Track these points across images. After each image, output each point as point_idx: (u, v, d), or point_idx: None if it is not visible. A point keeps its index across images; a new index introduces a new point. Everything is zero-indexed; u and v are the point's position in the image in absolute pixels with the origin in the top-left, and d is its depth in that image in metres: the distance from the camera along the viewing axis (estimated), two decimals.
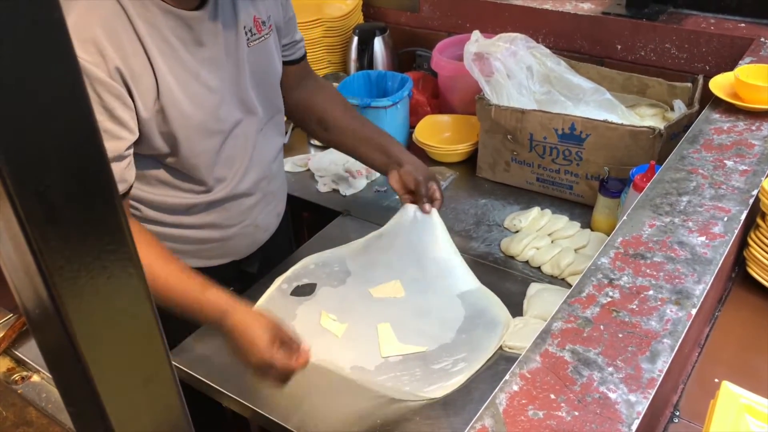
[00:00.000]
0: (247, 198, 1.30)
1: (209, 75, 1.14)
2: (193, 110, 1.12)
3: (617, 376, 0.78)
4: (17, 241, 0.34)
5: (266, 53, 1.25)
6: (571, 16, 1.86)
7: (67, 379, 0.40)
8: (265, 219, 1.37)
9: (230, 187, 1.25)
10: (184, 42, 1.09)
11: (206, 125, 1.15)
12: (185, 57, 1.10)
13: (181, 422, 0.44)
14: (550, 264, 1.40)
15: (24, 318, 1.32)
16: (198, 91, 1.12)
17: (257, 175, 1.30)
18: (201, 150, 1.17)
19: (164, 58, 1.06)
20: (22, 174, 0.32)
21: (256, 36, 1.21)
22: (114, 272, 0.37)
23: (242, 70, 1.19)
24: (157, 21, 1.05)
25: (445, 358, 1.20)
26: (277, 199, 1.41)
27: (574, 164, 1.56)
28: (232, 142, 1.22)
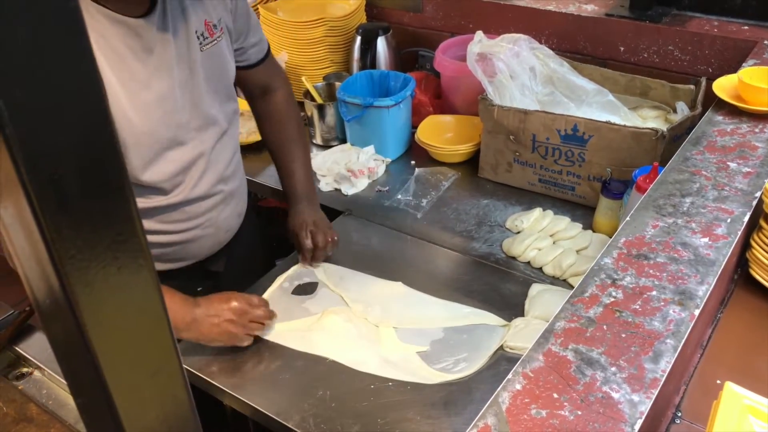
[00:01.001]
0: (205, 200, 1.28)
1: (160, 83, 1.12)
2: (141, 119, 1.10)
3: (620, 375, 0.78)
4: (29, 229, 0.34)
5: (219, 56, 1.23)
6: (574, 18, 1.87)
7: (76, 370, 0.40)
8: (225, 220, 1.36)
9: (186, 191, 1.23)
10: (133, 50, 1.07)
11: (157, 134, 1.14)
12: (134, 66, 1.08)
13: (188, 415, 0.44)
14: (551, 265, 1.40)
15: (25, 313, 1.32)
16: (147, 100, 1.10)
17: (214, 178, 1.28)
18: (153, 157, 1.15)
19: (112, 68, 1.05)
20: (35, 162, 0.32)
21: (209, 40, 1.19)
22: (125, 263, 0.37)
23: (196, 74, 1.18)
24: (105, 30, 1.04)
25: (446, 357, 1.20)
26: (237, 199, 1.39)
27: (577, 165, 1.57)
28: (189, 146, 1.20)
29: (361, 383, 1.17)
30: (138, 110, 1.10)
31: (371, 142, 1.78)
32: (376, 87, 1.88)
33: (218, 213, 1.33)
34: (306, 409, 1.12)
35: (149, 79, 1.10)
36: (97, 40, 1.03)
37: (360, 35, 2.01)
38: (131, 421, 0.41)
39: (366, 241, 1.55)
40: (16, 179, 0.31)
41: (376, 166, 1.74)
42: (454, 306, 1.32)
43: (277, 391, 1.16)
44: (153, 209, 1.22)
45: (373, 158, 1.76)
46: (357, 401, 1.14)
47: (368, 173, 1.72)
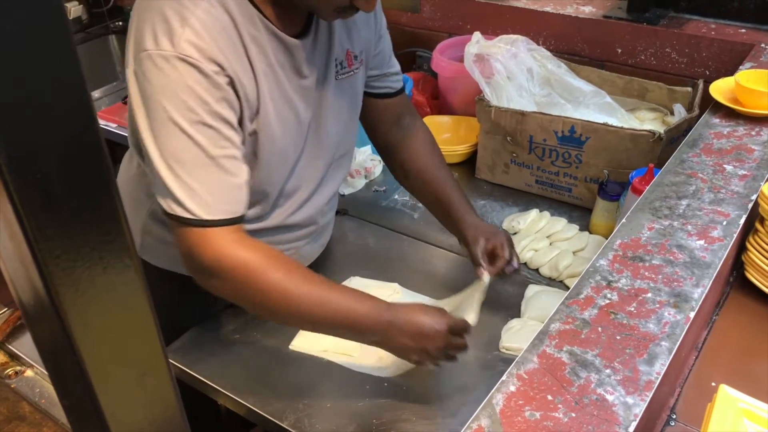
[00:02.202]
0: (299, 230, 1.24)
1: (300, 104, 1.10)
2: (282, 137, 1.08)
3: (615, 378, 0.77)
4: (13, 229, 0.33)
5: (352, 88, 1.21)
6: (572, 19, 1.86)
7: (62, 371, 0.40)
8: (309, 250, 1.31)
9: (284, 216, 1.19)
10: (284, 68, 1.06)
11: (287, 153, 1.11)
12: (284, 82, 1.06)
13: (176, 417, 0.44)
14: (548, 266, 1.40)
15: (18, 312, 1.32)
16: (289, 119, 1.09)
17: (313, 209, 1.24)
18: (275, 177, 1.13)
19: (267, 80, 1.03)
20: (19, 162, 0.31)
21: (346, 70, 1.17)
22: (110, 263, 0.37)
23: (326, 102, 1.15)
24: (264, 42, 1.02)
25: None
26: (326, 231, 1.35)
27: (574, 167, 1.56)
28: (302, 173, 1.17)
29: (357, 383, 1.16)
30: (280, 123, 1.07)
31: (368, 142, 1.77)
32: None
33: (305, 243, 1.28)
34: (301, 408, 1.12)
35: (293, 99, 1.08)
36: (257, 49, 1.00)
37: None
38: (118, 423, 0.40)
39: (362, 241, 1.54)
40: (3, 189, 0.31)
41: (372, 166, 1.73)
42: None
43: (272, 390, 1.16)
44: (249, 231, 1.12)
45: (369, 158, 1.75)
46: (352, 401, 1.13)
47: (365, 173, 1.72)
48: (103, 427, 0.40)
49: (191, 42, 0.92)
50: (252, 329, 1.28)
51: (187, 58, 0.91)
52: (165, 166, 0.94)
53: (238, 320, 1.30)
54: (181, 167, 0.94)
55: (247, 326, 1.29)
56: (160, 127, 0.93)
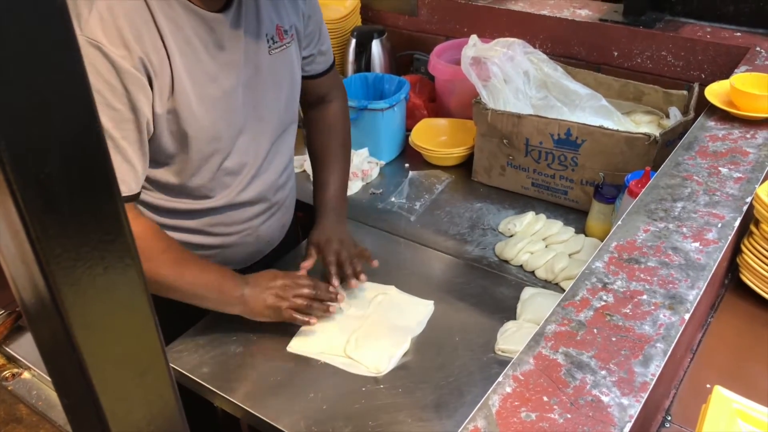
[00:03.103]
0: (250, 207, 1.28)
1: (226, 79, 1.12)
2: (205, 113, 1.10)
3: (610, 379, 0.78)
4: (15, 228, 0.33)
5: (286, 62, 1.23)
6: (568, 22, 1.87)
7: (62, 370, 0.40)
8: (267, 230, 1.35)
9: (233, 195, 1.23)
10: (205, 44, 1.07)
11: (217, 129, 1.13)
12: (204, 59, 1.08)
13: (175, 416, 0.44)
14: (544, 268, 1.41)
15: (15, 314, 1.32)
16: (213, 94, 1.10)
17: (263, 185, 1.27)
18: (209, 153, 1.15)
19: (183, 57, 1.05)
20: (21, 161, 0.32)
21: (278, 44, 1.19)
22: (111, 263, 0.37)
23: (261, 77, 1.18)
24: (180, 19, 1.03)
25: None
26: (283, 211, 1.38)
27: (570, 169, 1.57)
28: (243, 148, 1.19)
29: (353, 385, 1.17)
30: (203, 103, 1.09)
31: (365, 144, 1.78)
32: (371, 90, 1.88)
33: (261, 222, 1.32)
34: (297, 411, 1.12)
35: (217, 74, 1.10)
36: (171, 27, 1.02)
37: (355, 38, 2.01)
38: (117, 422, 0.41)
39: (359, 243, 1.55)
40: (1, 178, 0.31)
41: (369, 169, 1.74)
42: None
43: (268, 393, 1.16)
44: (195, 211, 1.22)
45: (367, 161, 1.76)
46: (348, 403, 1.13)
47: (362, 175, 1.72)
48: (103, 425, 0.40)
49: (97, 26, 0.94)
50: (248, 331, 1.28)
51: (93, 41, 0.94)
52: None
53: (234, 322, 1.30)
54: None
55: (244, 329, 1.29)
56: None
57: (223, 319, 1.31)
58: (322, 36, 1.35)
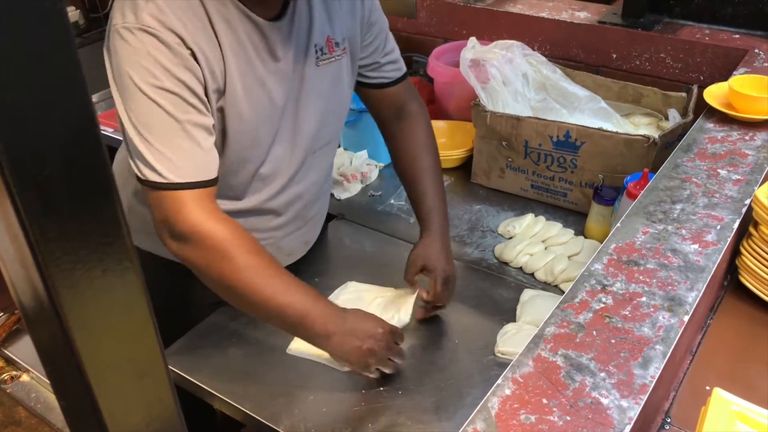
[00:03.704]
0: (276, 217, 1.25)
1: (275, 87, 1.11)
2: (251, 116, 1.09)
3: (609, 381, 0.78)
4: (14, 231, 0.34)
5: (334, 75, 1.20)
6: (567, 25, 1.87)
7: (61, 373, 0.40)
8: (289, 243, 1.31)
9: (261, 200, 1.21)
10: (257, 49, 1.07)
11: (259, 134, 1.12)
12: (256, 63, 1.07)
13: (174, 419, 0.44)
14: (543, 270, 1.41)
15: (14, 317, 1.32)
16: (261, 99, 1.10)
17: (293, 197, 1.25)
18: (246, 157, 1.14)
19: (236, 58, 1.04)
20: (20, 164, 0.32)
21: (327, 56, 1.17)
22: (110, 265, 0.37)
23: (305, 87, 1.15)
24: (234, 21, 1.03)
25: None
26: (309, 227, 1.35)
27: (569, 171, 1.57)
28: (278, 158, 1.18)
29: (353, 388, 1.17)
30: (251, 106, 1.08)
31: (364, 147, 1.78)
32: None
33: (285, 234, 1.28)
34: (297, 413, 1.12)
35: (266, 80, 1.09)
36: (225, 27, 1.02)
37: None
38: (116, 424, 0.41)
39: (358, 245, 1.55)
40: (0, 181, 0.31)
41: (368, 171, 1.74)
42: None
43: (267, 395, 1.16)
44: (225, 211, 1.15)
45: (366, 163, 1.76)
46: (348, 406, 1.13)
47: (361, 178, 1.72)
48: (102, 428, 0.40)
49: (153, 15, 0.95)
50: (248, 333, 1.28)
51: (148, 28, 0.95)
52: (135, 132, 0.97)
53: (234, 324, 1.30)
54: (149, 132, 0.97)
55: (244, 330, 1.29)
56: (128, 96, 0.97)
57: (223, 321, 1.31)
58: (389, 43, 1.32)
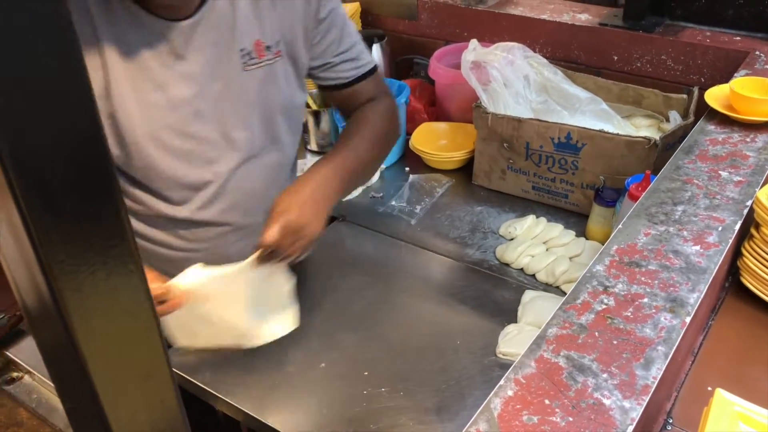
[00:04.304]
0: (214, 227, 1.20)
1: (181, 89, 1.07)
2: (146, 121, 1.06)
3: (611, 382, 0.78)
4: (18, 234, 0.34)
5: (268, 80, 1.15)
6: (568, 27, 1.88)
7: (65, 375, 0.40)
8: (239, 252, 1.19)
9: (192, 211, 1.16)
10: (156, 50, 1.03)
11: (159, 139, 1.08)
12: (151, 65, 1.04)
13: (177, 420, 0.44)
14: (545, 271, 1.41)
15: (15, 318, 1.32)
16: (156, 102, 1.06)
17: (228, 205, 1.19)
18: (157, 163, 1.10)
19: (123, 62, 1.02)
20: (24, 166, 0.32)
21: (255, 60, 1.12)
22: (114, 268, 0.37)
23: (230, 92, 1.11)
24: (118, 19, 1.00)
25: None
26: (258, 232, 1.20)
27: (570, 173, 1.57)
28: (201, 163, 1.13)
29: (354, 389, 1.17)
30: (142, 109, 1.05)
31: None
32: None
33: (229, 243, 1.23)
34: (298, 414, 1.12)
35: (167, 82, 1.05)
36: (112, 32, 1.00)
37: None
38: (120, 425, 0.41)
39: (359, 247, 1.55)
40: (4, 182, 0.32)
41: None
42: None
43: (268, 396, 1.16)
44: (156, 217, 1.16)
45: None
46: (349, 407, 1.13)
47: None
48: (106, 430, 0.40)
49: None
50: None
51: None
52: None
53: None
54: None
55: None
56: None
57: None
58: (345, 41, 1.23)
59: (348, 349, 1.26)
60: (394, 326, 1.31)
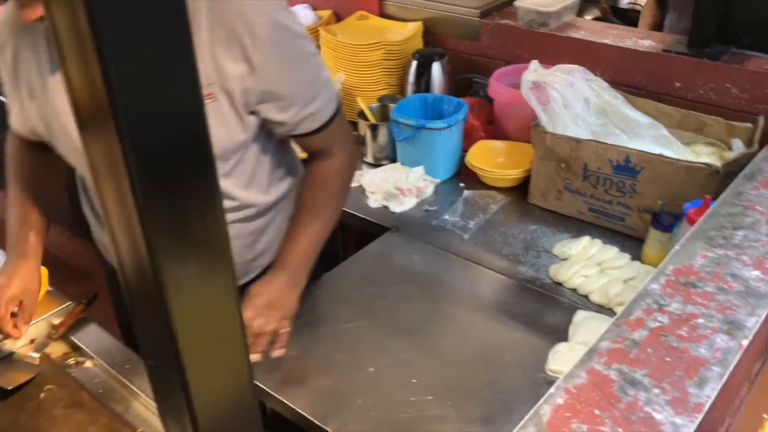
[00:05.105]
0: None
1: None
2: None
3: (663, 397, 0.78)
4: (125, 198, 0.37)
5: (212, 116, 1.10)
6: (630, 52, 1.87)
7: (151, 332, 0.43)
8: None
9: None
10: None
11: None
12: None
13: (247, 386, 0.47)
14: (598, 293, 1.40)
15: (81, 306, 1.38)
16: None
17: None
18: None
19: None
20: (138, 144, 0.35)
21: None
22: (204, 232, 0.40)
23: None
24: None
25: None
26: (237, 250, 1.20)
27: (627, 196, 1.56)
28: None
29: (402, 395, 1.18)
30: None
31: (421, 162, 1.81)
32: (429, 110, 1.91)
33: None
34: (345, 415, 1.14)
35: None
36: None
37: (416, 59, 2.05)
38: (197, 386, 0.44)
39: (410, 258, 1.57)
40: (120, 158, 0.35)
41: (424, 186, 1.76)
42: None
43: (317, 395, 1.19)
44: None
45: (422, 178, 1.78)
46: (396, 412, 1.15)
47: (416, 192, 1.75)
48: (185, 388, 0.43)
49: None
50: (301, 336, 1.31)
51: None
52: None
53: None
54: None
55: (297, 332, 1.32)
56: None
57: None
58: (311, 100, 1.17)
59: (396, 356, 1.28)
60: (443, 337, 1.33)
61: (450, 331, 1.34)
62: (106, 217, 0.40)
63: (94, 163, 0.38)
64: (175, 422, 0.46)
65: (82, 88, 0.35)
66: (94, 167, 0.38)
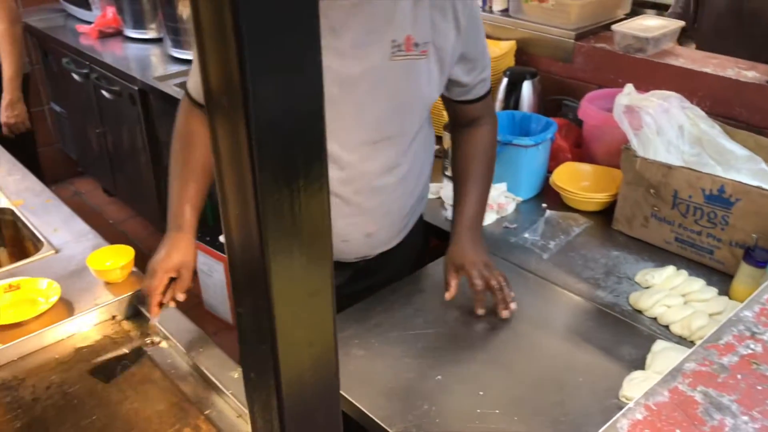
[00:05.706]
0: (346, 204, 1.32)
1: (330, 63, 1.14)
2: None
3: (753, 426, 0.73)
4: (240, 160, 0.38)
5: (410, 74, 1.24)
6: (732, 82, 1.81)
7: (245, 278, 0.44)
8: (345, 228, 1.35)
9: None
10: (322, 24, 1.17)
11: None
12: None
13: (331, 343, 0.47)
14: (680, 324, 1.34)
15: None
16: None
17: (343, 180, 1.28)
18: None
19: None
20: (265, 140, 0.38)
21: (403, 53, 1.20)
22: (307, 190, 0.41)
23: (371, 77, 1.20)
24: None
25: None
26: (368, 219, 1.36)
27: (719, 228, 1.50)
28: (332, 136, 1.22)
29: (468, 406, 1.16)
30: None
31: (504, 179, 1.79)
32: (517, 127, 1.89)
33: (339, 215, 1.32)
34: (410, 419, 1.13)
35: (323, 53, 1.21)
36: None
37: (507, 77, 2.05)
38: (284, 337, 0.44)
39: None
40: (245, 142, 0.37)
41: (506, 203, 1.74)
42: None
43: (383, 397, 1.18)
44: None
45: (504, 195, 1.77)
46: (461, 422, 1.13)
47: (497, 208, 1.73)
48: (272, 338, 0.44)
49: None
50: (370, 337, 1.32)
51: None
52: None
53: (357, 326, 1.35)
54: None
55: (367, 334, 1.33)
56: None
57: (347, 322, 1.35)
58: (486, 66, 1.37)
59: (465, 367, 1.26)
60: (514, 352, 1.30)
61: (522, 347, 1.31)
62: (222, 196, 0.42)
63: (217, 145, 0.40)
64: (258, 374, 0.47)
65: (216, 72, 0.38)
66: (217, 149, 0.40)
